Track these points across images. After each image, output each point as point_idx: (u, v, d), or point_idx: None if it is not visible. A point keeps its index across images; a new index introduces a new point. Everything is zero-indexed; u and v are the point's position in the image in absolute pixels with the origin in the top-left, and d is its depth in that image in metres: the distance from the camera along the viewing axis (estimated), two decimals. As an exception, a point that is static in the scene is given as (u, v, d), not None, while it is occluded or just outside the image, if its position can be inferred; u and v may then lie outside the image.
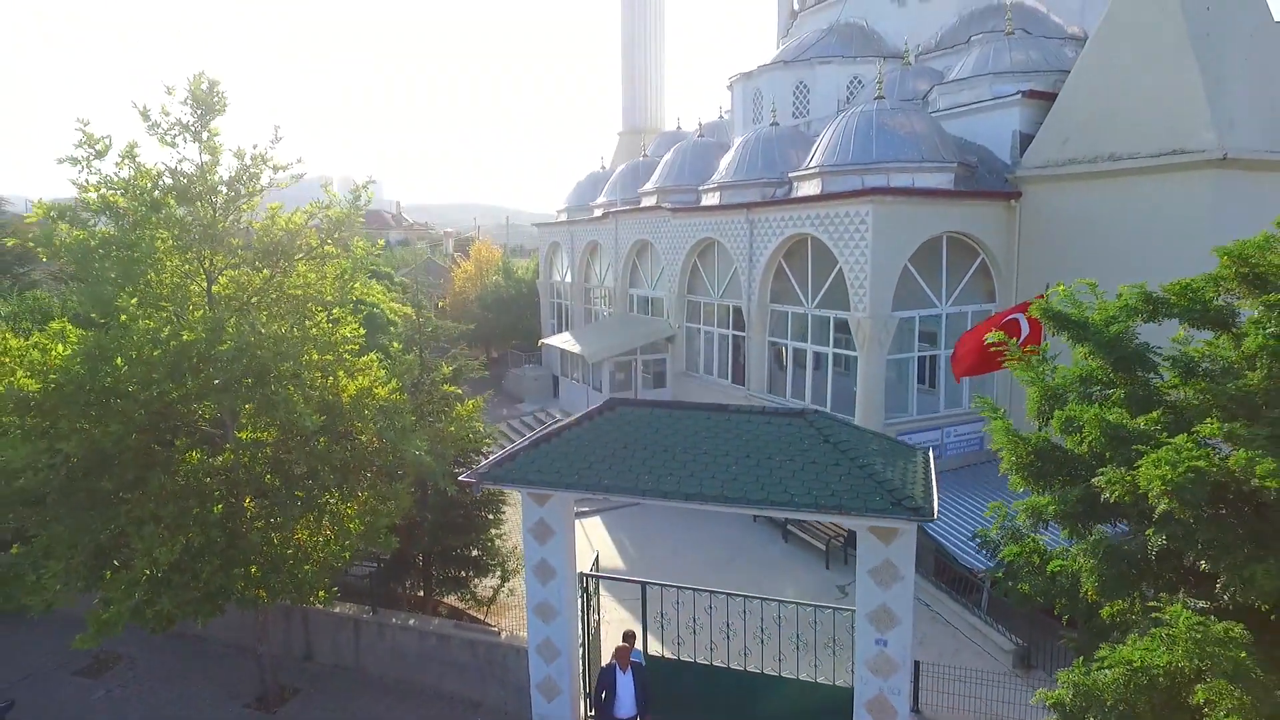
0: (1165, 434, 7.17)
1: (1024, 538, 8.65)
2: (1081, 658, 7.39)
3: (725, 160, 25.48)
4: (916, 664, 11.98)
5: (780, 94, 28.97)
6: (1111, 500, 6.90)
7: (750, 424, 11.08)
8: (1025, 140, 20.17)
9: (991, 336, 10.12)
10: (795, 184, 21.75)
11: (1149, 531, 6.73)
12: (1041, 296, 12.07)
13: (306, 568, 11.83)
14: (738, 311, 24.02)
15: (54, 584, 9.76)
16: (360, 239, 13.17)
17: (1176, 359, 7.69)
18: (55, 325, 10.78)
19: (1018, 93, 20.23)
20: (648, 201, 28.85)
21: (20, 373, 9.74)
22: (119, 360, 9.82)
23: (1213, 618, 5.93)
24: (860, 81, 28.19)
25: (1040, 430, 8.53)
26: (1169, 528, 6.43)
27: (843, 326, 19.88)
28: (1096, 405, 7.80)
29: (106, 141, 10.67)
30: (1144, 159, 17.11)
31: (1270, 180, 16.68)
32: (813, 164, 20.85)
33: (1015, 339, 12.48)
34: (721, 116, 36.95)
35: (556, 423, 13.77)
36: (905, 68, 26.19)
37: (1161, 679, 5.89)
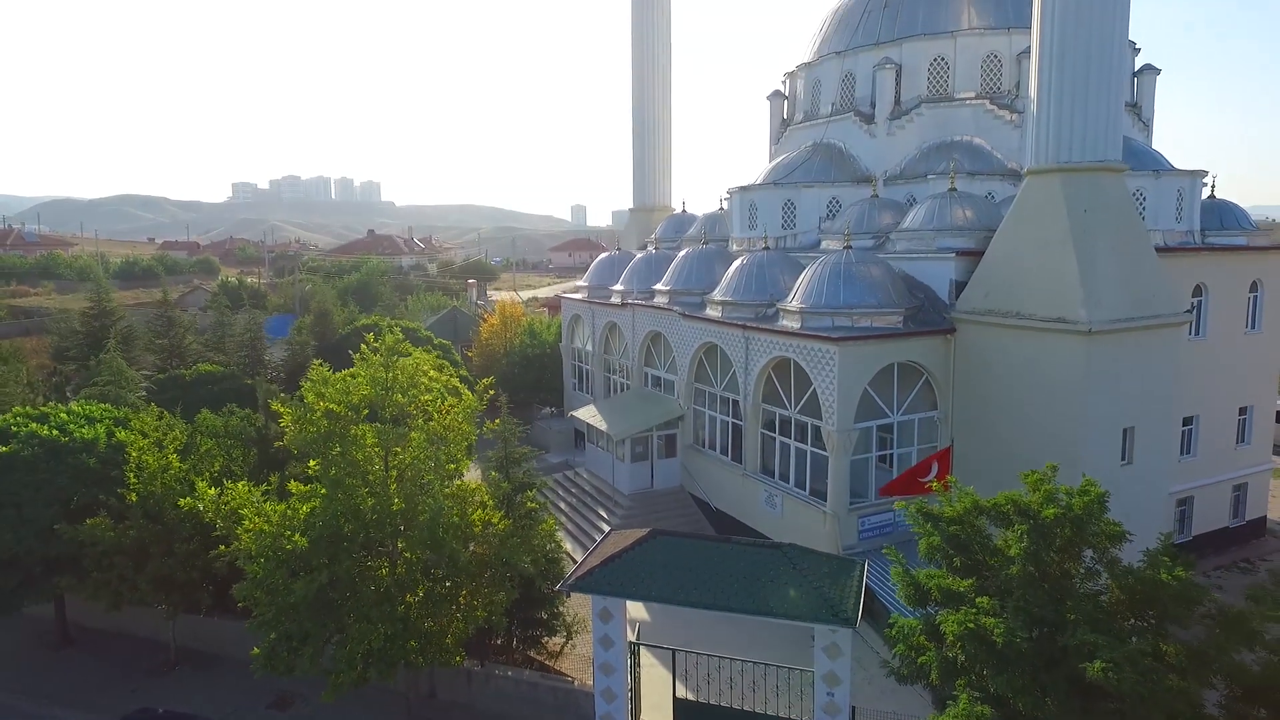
0: (974, 594, 13.10)
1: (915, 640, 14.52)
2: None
3: (726, 276, 31.27)
4: (854, 708, 17.88)
5: (771, 209, 34.89)
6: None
7: (746, 553, 17.02)
8: (959, 287, 26.10)
9: (933, 486, 16.02)
10: (781, 313, 27.59)
11: (949, 652, 12.62)
12: (949, 449, 18.19)
13: (447, 641, 17.69)
14: (736, 403, 29.86)
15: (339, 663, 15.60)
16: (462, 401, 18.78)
17: (988, 547, 13.60)
18: (297, 490, 16.62)
19: (954, 251, 26.18)
20: (660, 299, 34.69)
21: (297, 536, 15.54)
22: (346, 525, 15.68)
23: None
24: (838, 202, 34.15)
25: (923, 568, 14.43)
26: (960, 651, 12.32)
27: (818, 428, 25.76)
28: (942, 570, 13.73)
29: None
30: (1038, 320, 23.03)
31: (1133, 337, 22.67)
32: (794, 302, 26.70)
33: (930, 475, 18.60)
34: (721, 207, 42.74)
35: (613, 533, 19.64)
36: (874, 199, 32.09)
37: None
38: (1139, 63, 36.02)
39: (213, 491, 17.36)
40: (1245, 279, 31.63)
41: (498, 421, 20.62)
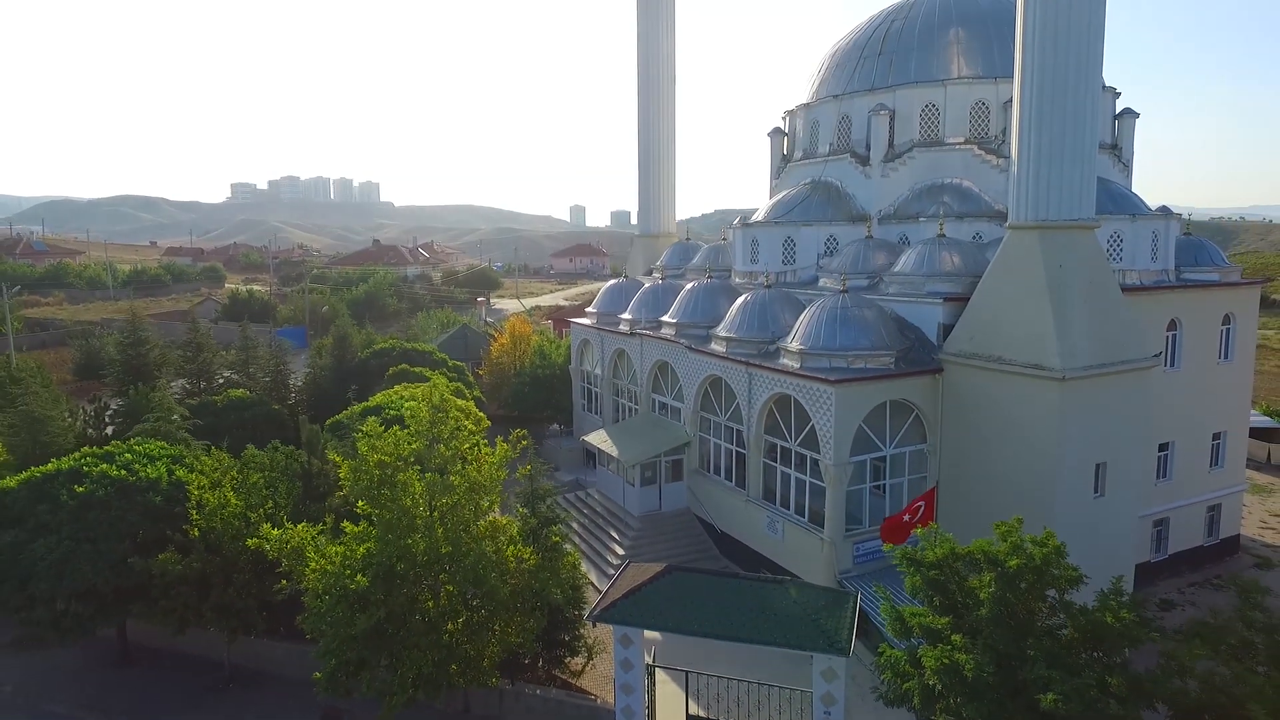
0: (950, 631, 15.21)
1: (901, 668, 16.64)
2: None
3: (731, 312, 33.31)
4: (849, 723, 20.02)
5: (772, 245, 37.02)
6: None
7: (752, 587, 19.14)
8: (946, 329, 28.22)
9: (919, 529, 18.14)
10: (782, 351, 29.66)
11: (928, 680, 14.74)
12: (934, 490, 20.35)
13: (485, 664, 19.78)
14: (740, 433, 31.93)
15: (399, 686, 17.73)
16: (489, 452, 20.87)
17: (963, 588, 15.71)
18: (350, 530, 18.70)
19: (941, 297, 28.31)
20: (667, 331, 36.78)
21: (359, 576, 17.62)
22: (399, 565, 17.78)
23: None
24: (835, 240, 36.29)
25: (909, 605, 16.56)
26: (938, 680, 14.44)
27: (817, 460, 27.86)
28: (924, 608, 15.85)
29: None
30: (1017, 366, 25.14)
31: (1105, 381, 24.79)
32: (794, 343, 28.77)
33: (918, 514, 20.75)
34: (724, 238, 44.88)
35: (631, 565, 21.74)
36: (868, 240, 34.21)
37: None
38: (1119, 105, 38.15)
39: (276, 532, 19.41)
40: (1218, 313, 33.82)
41: (529, 467, 22.67)
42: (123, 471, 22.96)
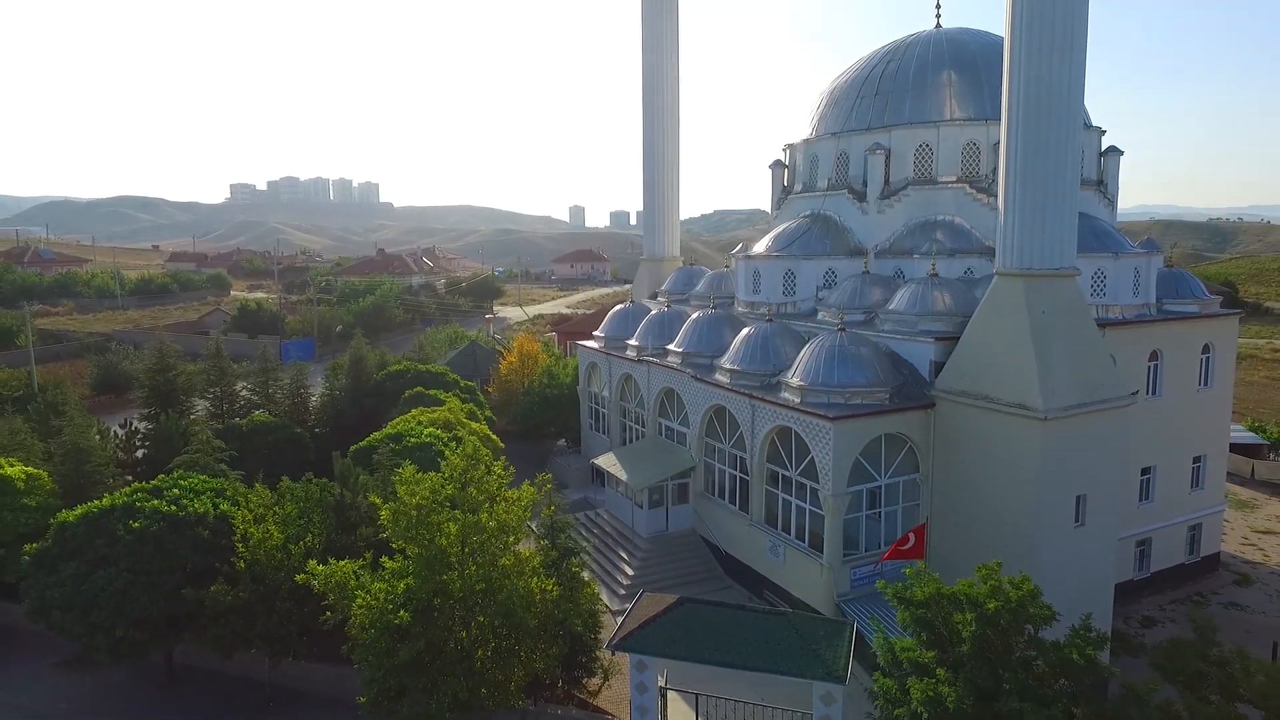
0: (935, 665, 17.02)
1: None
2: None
3: (735, 344, 35.09)
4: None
5: (773, 277, 38.83)
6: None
7: (757, 619, 20.95)
8: (937, 366, 30.02)
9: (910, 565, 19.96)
10: (783, 385, 31.43)
11: (916, 708, 16.53)
12: (924, 525, 22.20)
13: (511, 687, 21.57)
14: (743, 460, 33.71)
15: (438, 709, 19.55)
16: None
17: (949, 624, 17.51)
18: (389, 565, 20.48)
19: (933, 336, 30.13)
20: (673, 360, 38.57)
21: (402, 613, 19.41)
22: (436, 600, 19.58)
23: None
24: (834, 273, 38.12)
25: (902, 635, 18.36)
26: (924, 709, 16.24)
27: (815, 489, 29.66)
28: (913, 641, 17.66)
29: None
30: (1002, 404, 26.94)
31: (1084, 419, 26.58)
32: (795, 378, 30.54)
33: (909, 544, 22.64)
34: (727, 267, 46.62)
35: (645, 596, 23.54)
36: (865, 275, 36.02)
37: None
38: (1104, 143, 39.99)
39: (321, 569, 21.20)
40: (1197, 343, 35.67)
41: (552, 508, 24.47)
42: (172, 507, 24.73)
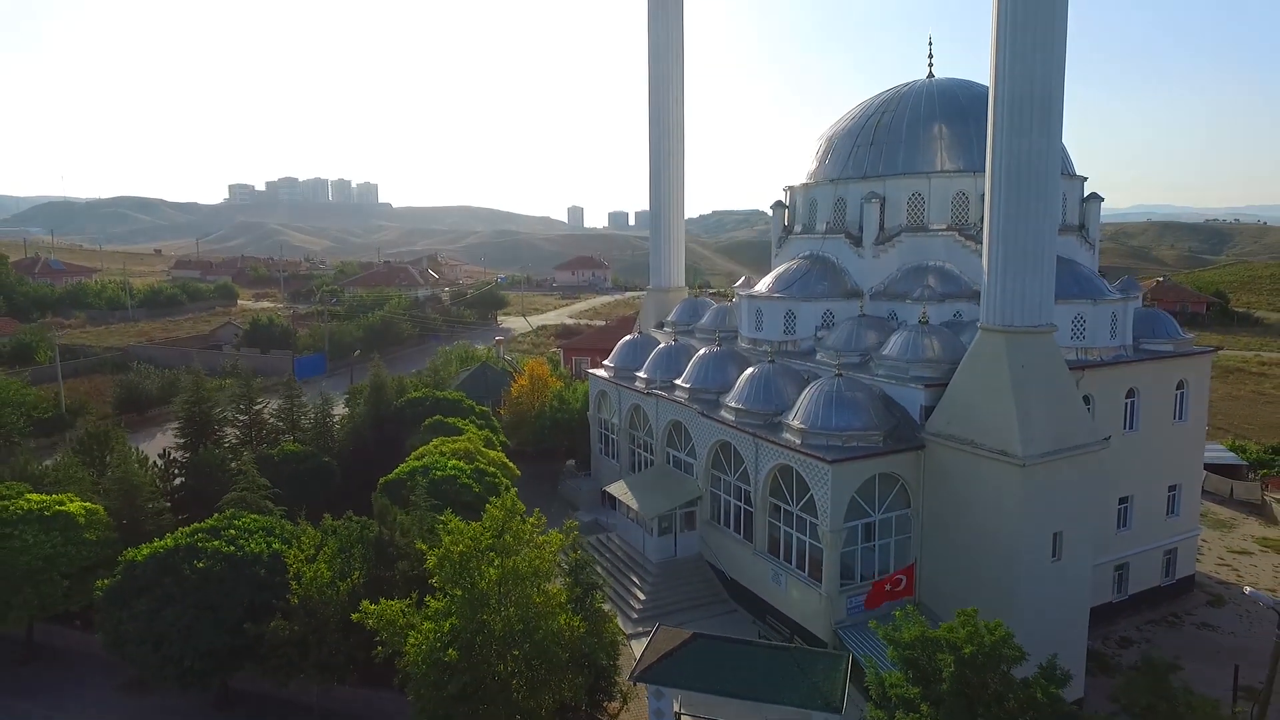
0: (920, 700, 19.52)
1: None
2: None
3: (739, 383, 37.58)
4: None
5: (774, 316, 41.35)
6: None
7: (763, 653, 23.49)
8: (927, 411, 32.54)
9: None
10: (785, 426, 33.92)
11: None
12: (913, 565, 24.83)
13: (542, 713, 24.07)
14: (748, 492, 36.20)
15: None
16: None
17: (933, 662, 20.03)
18: (433, 604, 22.98)
19: (923, 382, 32.66)
20: (680, 394, 41.07)
21: (451, 650, 21.90)
22: (478, 638, 22.11)
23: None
24: (831, 314, 40.66)
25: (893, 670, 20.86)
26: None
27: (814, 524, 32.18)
28: (901, 677, 20.19)
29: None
30: (986, 450, 29.45)
31: (1060, 463, 29.07)
32: (796, 420, 33.05)
33: (899, 585, 25.17)
34: (729, 300, 49.13)
35: (660, 630, 26.07)
36: (861, 318, 38.55)
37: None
38: (1086, 189, 42.54)
39: (374, 608, 23.71)
40: (1172, 380, 38.28)
41: (578, 553, 26.99)
42: (230, 547, 27.23)
